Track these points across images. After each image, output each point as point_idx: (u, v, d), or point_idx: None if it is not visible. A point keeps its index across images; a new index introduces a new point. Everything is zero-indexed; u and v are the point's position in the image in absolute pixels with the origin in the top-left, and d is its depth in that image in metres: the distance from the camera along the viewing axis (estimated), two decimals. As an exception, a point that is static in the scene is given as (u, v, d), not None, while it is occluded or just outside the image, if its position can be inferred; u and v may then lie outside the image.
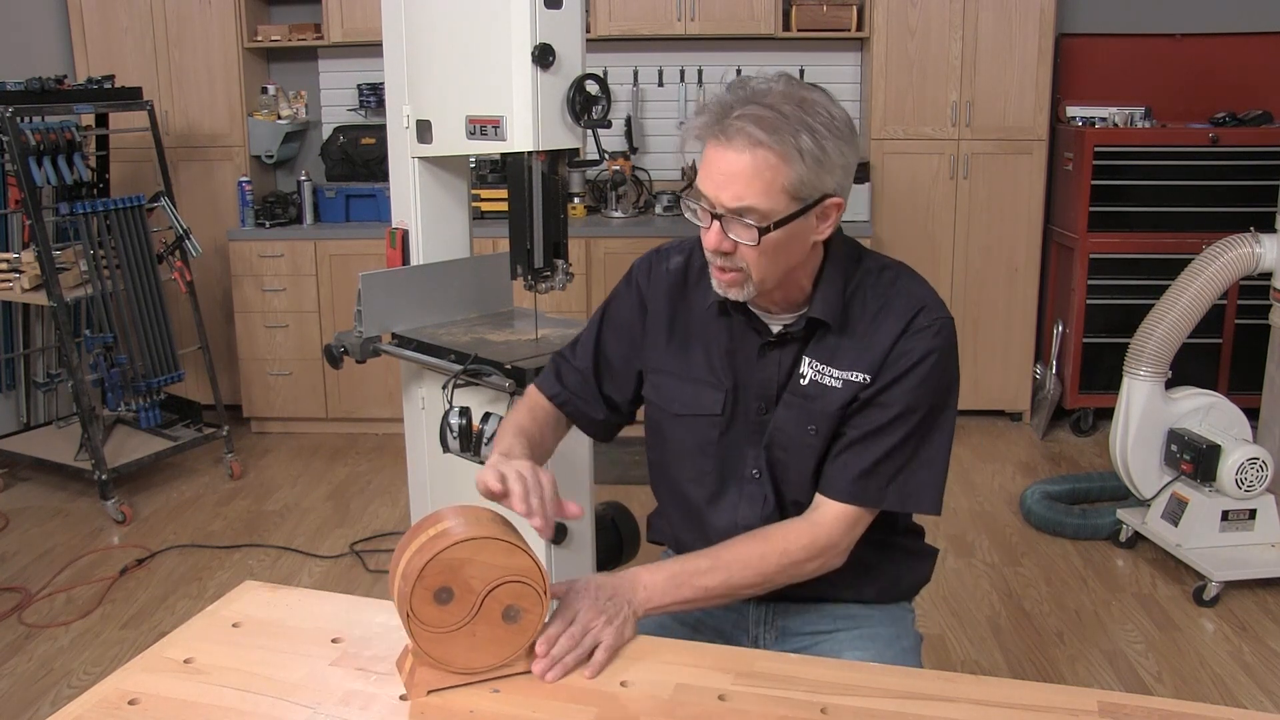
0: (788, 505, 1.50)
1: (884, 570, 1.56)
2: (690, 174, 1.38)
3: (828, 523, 1.42)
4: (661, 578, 1.36)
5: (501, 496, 1.28)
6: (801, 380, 1.45)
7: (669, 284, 1.54)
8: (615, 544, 2.57)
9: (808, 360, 1.45)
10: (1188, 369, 3.73)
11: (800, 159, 1.28)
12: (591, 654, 1.26)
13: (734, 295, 1.40)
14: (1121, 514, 3.40)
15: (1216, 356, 4.31)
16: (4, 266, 3.76)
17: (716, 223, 1.33)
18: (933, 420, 1.43)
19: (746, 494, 1.51)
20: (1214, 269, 3.16)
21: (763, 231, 1.31)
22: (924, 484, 1.44)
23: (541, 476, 1.31)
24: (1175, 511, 3.19)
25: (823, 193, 1.33)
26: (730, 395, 1.49)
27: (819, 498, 1.44)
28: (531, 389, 1.65)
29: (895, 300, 1.43)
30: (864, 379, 1.42)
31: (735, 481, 1.51)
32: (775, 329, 1.46)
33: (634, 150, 4.71)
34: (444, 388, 2.31)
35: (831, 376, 1.43)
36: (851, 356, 1.43)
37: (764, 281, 1.37)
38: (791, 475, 1.48)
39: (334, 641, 1.30)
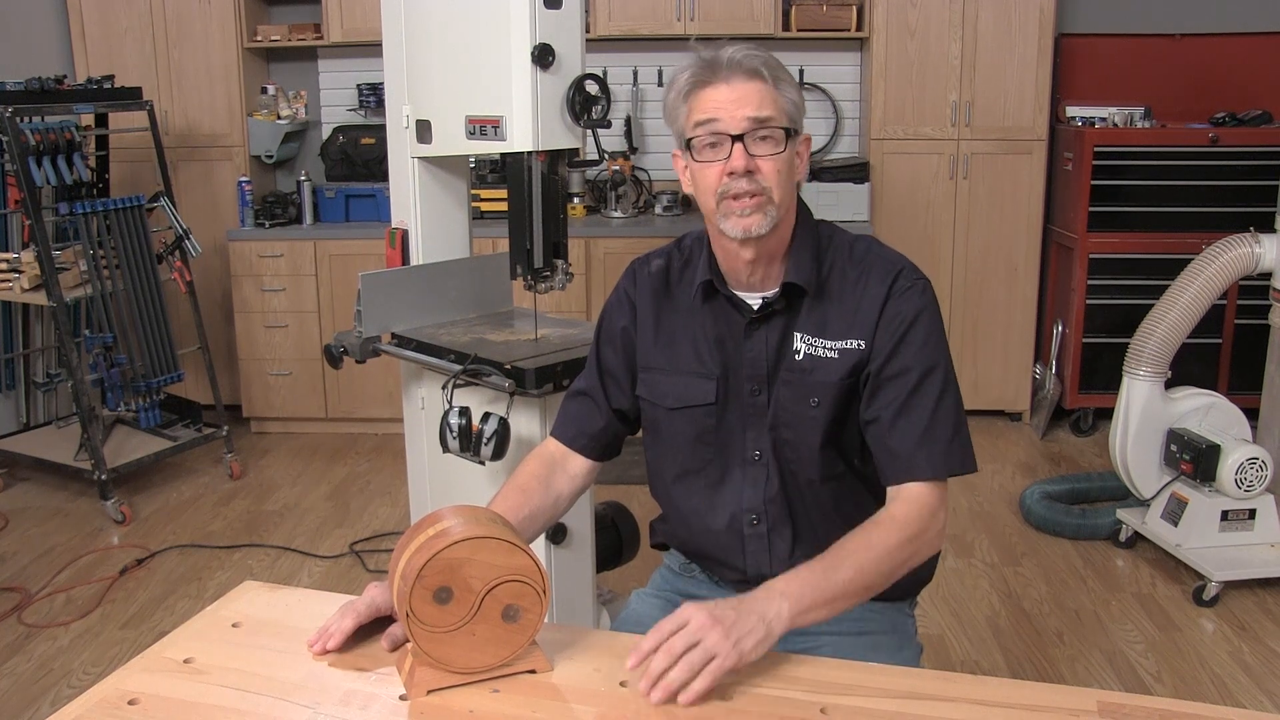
0: (800, 484, 1.51)
1: None
2: (686, 136, 1.44)
3: (921, 500, 1.40)
4: (799, 578, 1.27)
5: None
6: (796, 356, 1.47)
7: (652, 285, 1.58)
8: (615, 544, 2.56)
9: (799, 335, 1.48)
10: (1188, 369, 3.73)
11: (788, 87, 1.42)
12: (700, 665, 1.14)
13: (757, 227, 1.41)
14: (1121, 514, 3.40)
15: (1216, 356, 4.31)
16: (4, 266, 3.76)
17: (738, 144, 1.39)
18: (948, 377, 1.46)
19: (750, 477, 1.52)
20: (1214, 269, 3.16)
21: (788, 133, 1.40)
22: (967, 444, 1.46)
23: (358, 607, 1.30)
24: (1175, 511, 3.19)
25: (799, 125, 1.44)
26: (721, 382, 1.51)
27: (898, 488, 1.42)
28: (546, 441, 1.64)
29: (873, 266, 1.48)
30: (859, 344, 1.45)
31: (738, 466, 1.53)
32: (756, 305, 1.49)
33: (634, 150, 4.71)
34: (444, 388, 2.31)
35: (826, 348, 1.46)
36: (842, 325, 1.46)
37: (781, 204, 1.42)
38: (801, 453, 1.49)
39: (334, 641, 1.30)
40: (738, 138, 1.38)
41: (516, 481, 1.55)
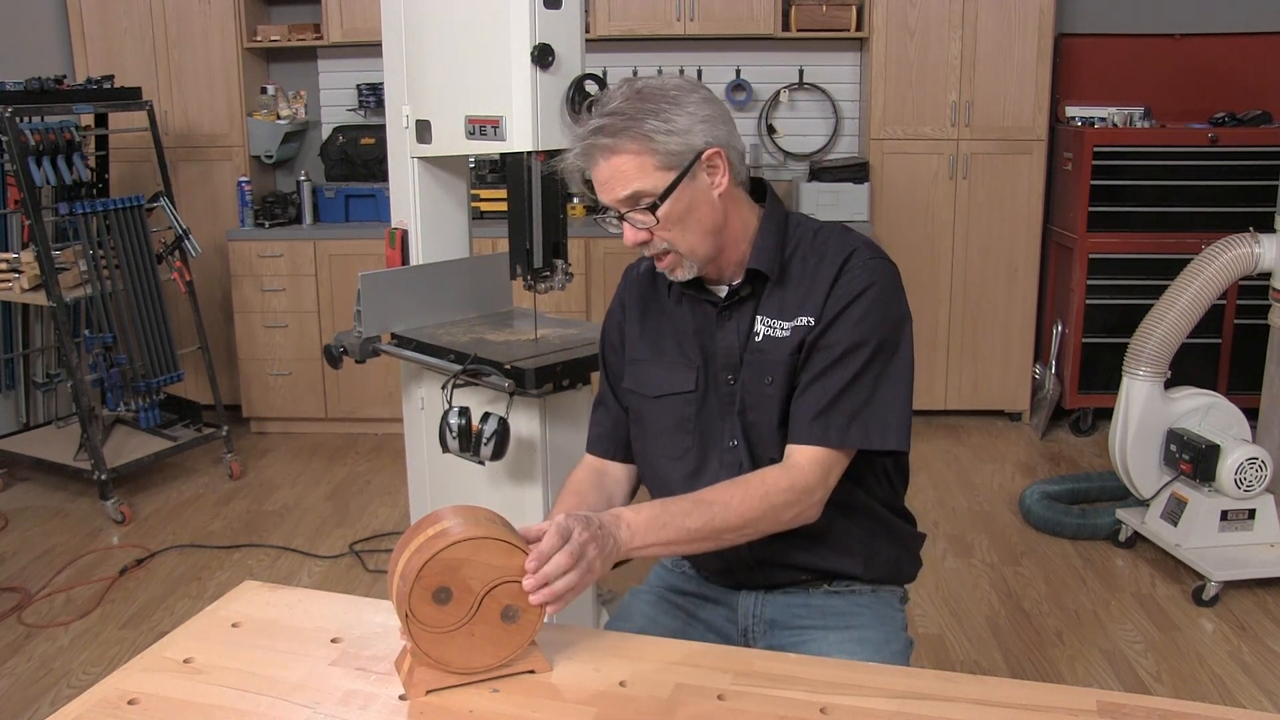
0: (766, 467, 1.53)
1: (867, 543, 1.58)
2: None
3: (801, 467, 1.44)
4: (644, 517, 1.36)
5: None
6: (756, 338, 1.51)
7: (640, 285, 1.65)
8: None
9: (760, 318, 1.52)
10: (1187, 369, 3.73)
11: (653, 140, 1.40)
12: (581, 580, 1.23)
13: (680, 276, 1.50)
14: (1121, 514, 3.40)
15: (1216, 356, 4.31)
16: (4, 266, 3.76)
17: (624, 223, 1.47)
18: (885, 357, 1.47)
19: (726, 464, 1.54)
20: (1213, 269, 3.16)
21: (654, 209, 1.43)
22: (886, 421, 1.46)
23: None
24: (1174, 511, 3.19)
25: (695, 151, 1.43)
26: (701, 371, 1.56)
27: (789, 448, 1.47)
28: (584, 457, 1.71)
29: (830, 249, 1.51)
30: (808, 321, 1.48)
31: (715, 453, 1.56)
32: (723, 294, 1.54)
33: (633, 150, 4.70)
34: (443, 388, 2.31)
35: (780, 328, 1.50)
36: (796, 305, 1.50)
37: (694, 251, 1.47)
38: (764, 434, 1.52)
39: (333, 641, 1.30)
40: (621, 216, 1.45)
41: (570, 487, 1.61)
